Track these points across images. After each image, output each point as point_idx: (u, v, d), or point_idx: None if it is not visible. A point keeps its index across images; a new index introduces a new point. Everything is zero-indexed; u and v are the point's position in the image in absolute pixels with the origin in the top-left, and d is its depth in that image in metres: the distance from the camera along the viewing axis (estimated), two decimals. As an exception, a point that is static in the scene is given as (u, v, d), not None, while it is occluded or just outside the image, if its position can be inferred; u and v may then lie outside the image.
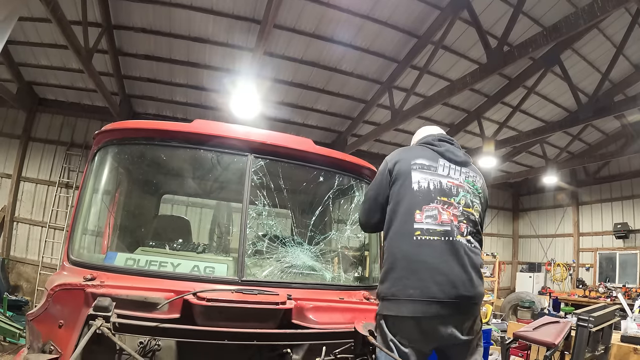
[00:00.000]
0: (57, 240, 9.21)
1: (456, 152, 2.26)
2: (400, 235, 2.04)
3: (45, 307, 1.84)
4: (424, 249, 1.98)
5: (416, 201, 2.06)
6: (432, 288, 1.92)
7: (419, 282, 1.93)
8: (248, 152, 2.34)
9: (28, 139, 9.39)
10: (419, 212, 2.04)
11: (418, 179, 2.11)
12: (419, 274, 1.94)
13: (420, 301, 1.92)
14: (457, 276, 1.95)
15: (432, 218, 2.03)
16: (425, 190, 2.09)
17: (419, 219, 2.03)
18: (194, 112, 9.69)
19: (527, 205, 15.03)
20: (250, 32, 7.33)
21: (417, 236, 2.00)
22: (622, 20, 7.03)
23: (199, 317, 1.85)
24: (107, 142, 2.40)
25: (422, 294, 1.92)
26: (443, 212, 2.05)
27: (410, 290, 1.93)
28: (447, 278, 1.94)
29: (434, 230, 2.01)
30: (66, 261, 2.15)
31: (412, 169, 2.14)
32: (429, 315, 1.92)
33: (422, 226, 2.02)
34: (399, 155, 2.25)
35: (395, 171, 2.17)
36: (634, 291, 10.53)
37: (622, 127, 9.35)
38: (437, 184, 2.13)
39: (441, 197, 2.09)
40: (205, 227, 4.96)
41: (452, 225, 2.04)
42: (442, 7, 7.01)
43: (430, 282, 1.92)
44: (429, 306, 1.91)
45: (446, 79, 8.61)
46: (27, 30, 7.47)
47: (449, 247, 1.99)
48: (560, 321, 3.55)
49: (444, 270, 1.95)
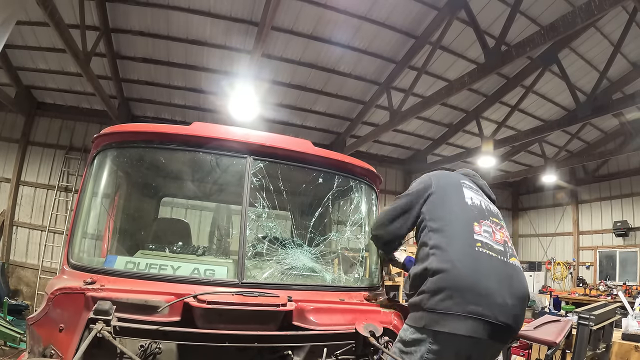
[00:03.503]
0: (57, 244, 9.20)
1: (489, 189, 2.33)
2: (460, 244, 1.87)
3: (45, 311, 1.84)
4: (486, 262, 1.84)
5: (472, 214, 1.99)
6: (492, 308, 1.74)
7: (480, 299, 1.74)
8: (247, 154, 2.34)
9: (27, 143, 9.38)
10: (477, 224, 1.95)
11: (470, 195, 2.11)
12: (479, 289, 1.76)
13: (480, 320, 1.73)
14: (511, 302, 1.80)
15: (488, 234, 1.94)
16: (479, 207, 2.07)
17: (478, 231, 1.92)
18: (192, 114, 9.69)
19: (526, 205, 15.04)
20: (248, 34, 7.34)
21: (478, 247, 1.86)
22: (620, 19, 7.05)
23: (199, 320, 1.84)
24: (106, 145, 2.39)
25: (485, 312, 1.73)
26: (496, 232, 1.99)
27: (471, 307, 1.73)
28: (504, 301, 1.77)
29: (492, 247, 1.90)
30: (66, 265, 2.15)
31: (462, 186, 2.15)
32: (485, 338, 1.74)
33: (481, 239, 1.90)
34: (441, 173, 2.27)
35: (441, 184, 2.13)
36: (635, 289, 10.54)
37: (621, 125, 9.36)
38: (486, 204, 2.13)
39: (492, 217, 2.06)
40: (205, 229, 4.95)
41: (505, 247, 1.96)
42: (439, 8, 7.03)
43: (491, 299, 1.75)
44: (488, 327, 1.74)
45: (444, 79, 8.62)
46: (25, 34, 7.47)
47: (505, 268, 1.88)
48: (561, 320, 3.54)
49: (502, 292, 1.79)
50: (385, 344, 2.09)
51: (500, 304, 1.76)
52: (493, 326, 1.75)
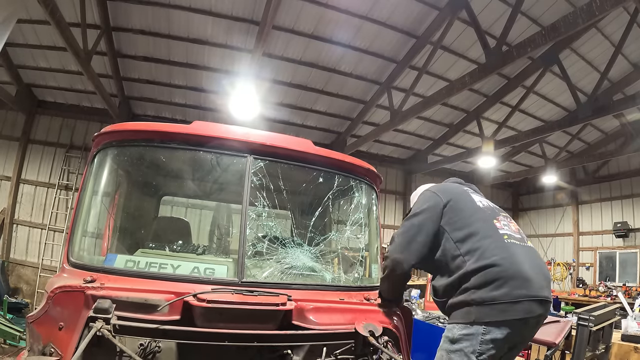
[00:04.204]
0: (57, 242, 9.21)
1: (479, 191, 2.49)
2: (491, 241, 2.01)
3: (45, 309, 1.84)
4: (517, 250, 2.00)
5: (488, 214, 2.17)
6: (534, 287, 1.91)
7: (524, 282, 1.89)
8: (247, 153, 2.34)
9: (27, 141, 9.39)
10: (496, 221, 2.13)
11: (478, 199, 2.28)
12: (522, 274, 1.91)
13: (529, 301, 1.89)
14: (542, 277, 1.99)
15: (507, 227, 2.13)
16: (489, 207, 2.25)
17: (500, 227, 2.10)
18: (193, 113, 9.69)
19: (526, 205, 15.03)
20: (249, 33, 7.34)
21: (506, 239, 2.03)
22: (621, 20, 7.04)
23: (199, 319, 1.85)
24: (106, 144, 2.39)
25: (530, 293, 1.89)
26: (511, 224, 2.18)
27: (518, 291, 1.87)
28: (538, 278, 1.95)
29: (514, 236, 2.08)
30: (66, 263, 2.15)
31: (469, 193, 2.31)
32: (536, 315, 1.92)
33: (505, 231, 2.08)
34: (442, 187, 2.36)
35: (450, 197, 2.21)
36: (634, 290, 10.53)
37: (621, 126, 9.36)
38: (491, 204, 2.31)
39: (502, 213, 2.26)
40: (205, 228, 4.95)
41: (521, 234, 2.16)
42: (440, 7, 7.02)
43: (532, 281, 1.91)
44: (535, 305, 1.91)
45: (445, 79, 8.61)
46: (26, 33, 7.47)
47: (529, 251, 2.07)
48: (560, 320, 3.54)
49: (535, 271, 1.96)
50: (385, 344, 2.09)
51: (538, 282, 1.94)
52: (540, 302, 1.92)
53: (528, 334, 2.04)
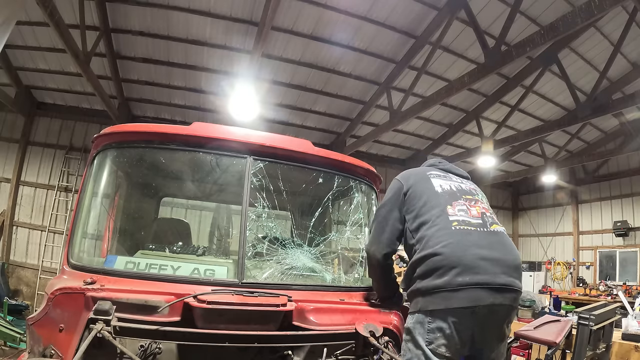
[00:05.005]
0: (57, 244, 9.20)
1: (458, 169, 2.41)
2: (437, 229, 1.96)
3: (45, 311, 1.84)
4: (465, 236, 1.92)
5: (444, 200, 2.08)
6: (482, 274, 1.81)
7: (467, 269, 1.81)
8: (247, 154, 2.33)
9: (27, 143, 9.39)
10: (450, 207, 2.04)
11: (439, 183, 2.18)
12: (465, 260, 1.83)
13: (473, 288, 1.79)
14: (503, 261, 1.89)
15: (463, 212, 2.04)
16: (449, 191, 2.14)
17: (452, 213, 2.02)
18: (192, 114, 9.68)
19: (526, 205, 15.03)
20: (248, 34, 7.34)
21: (455, 226, 1.96)
22: (620, 19, 7.05)
23: (199, 320, 1.84)
24: (106, 145, 2.39)
25: (474, 280, 1.80)
26: (472, 208, 2.08)
27: (460, 279, 1.80)
28: (492, 265, 1.85)
29: (469, 222, 1.99)
30: (66, 265, 2.15)
31: (430, 177, 2.22)
32: (484, 304, 1.80)
33: (457, 218, 1.99)
34: (408, 172, 2.32)
35: (410, 184, 2.19)
36: (635, 289, 10.54)
37: (621, 125, 9.37)
38: (457, 186, 2.20)
39: (464, 195, 2.15)
40: (205, 229, 4.95)
41: (483, 218, 2.05)
42: (439, 8, 7.03)
43: (479, 268, 1.82)
44: (484, 293, 1.80)
45: (444, 79, 8.62)
46: (25, 34, 7.47)
47: (487, 236, 1.97)
48: (561, 320, 3.54)
49: (488, 256, 1.87)
50: (385, 344, 2.09)
51: (491, 268, 1.84)
52: (496, 290, 1.82)
53: (488, 325, 1.88)
